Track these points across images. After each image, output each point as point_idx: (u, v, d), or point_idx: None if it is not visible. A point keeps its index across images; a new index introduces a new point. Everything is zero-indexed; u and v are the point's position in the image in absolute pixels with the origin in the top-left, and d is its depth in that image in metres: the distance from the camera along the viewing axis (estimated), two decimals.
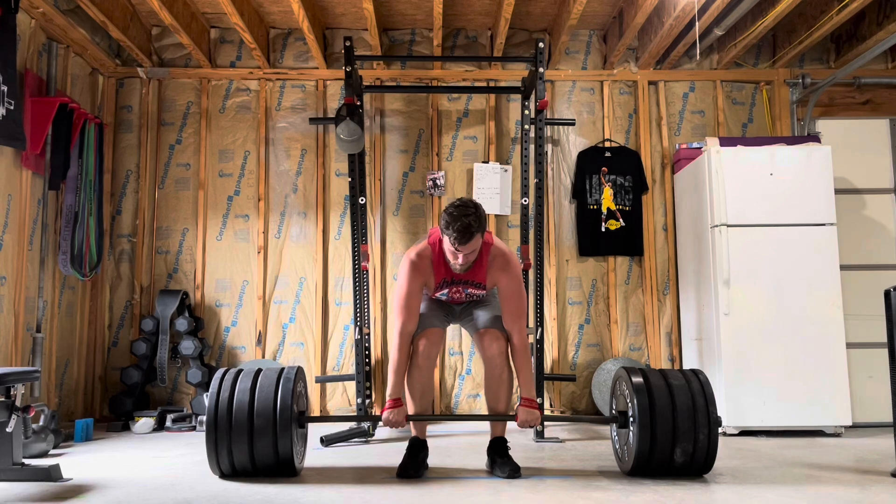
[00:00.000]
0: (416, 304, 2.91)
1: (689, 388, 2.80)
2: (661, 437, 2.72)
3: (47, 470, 2.78)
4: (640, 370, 2.91)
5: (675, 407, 2.74)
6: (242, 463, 2.76)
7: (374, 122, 4.84)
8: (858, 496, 2.53)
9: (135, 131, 4.76)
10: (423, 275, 2.90)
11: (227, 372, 2.88)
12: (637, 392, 2.78)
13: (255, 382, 2.81)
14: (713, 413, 2.75)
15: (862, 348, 4.29)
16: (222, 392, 2.77)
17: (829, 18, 4.11)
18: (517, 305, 2.90)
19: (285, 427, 2.72)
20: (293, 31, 4.87)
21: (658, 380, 2.84)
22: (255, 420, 2.71)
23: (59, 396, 4.16)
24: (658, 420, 2.72)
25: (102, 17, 4.00)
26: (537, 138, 4.11)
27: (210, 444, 2.73)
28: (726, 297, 3.98)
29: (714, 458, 2.78)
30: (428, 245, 2.93)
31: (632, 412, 2.80)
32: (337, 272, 4.72)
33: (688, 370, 2.94)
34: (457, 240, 2.71)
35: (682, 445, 2.73)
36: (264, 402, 2.74)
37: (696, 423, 2.73)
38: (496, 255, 2.91)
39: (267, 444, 2.72)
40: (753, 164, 4.11)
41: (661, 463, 2.77)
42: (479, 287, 2.95)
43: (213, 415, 2.72)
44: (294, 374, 2.84)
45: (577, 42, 4.94)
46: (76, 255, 4.12)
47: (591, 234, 4.74)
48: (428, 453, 2.96)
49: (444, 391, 4.64)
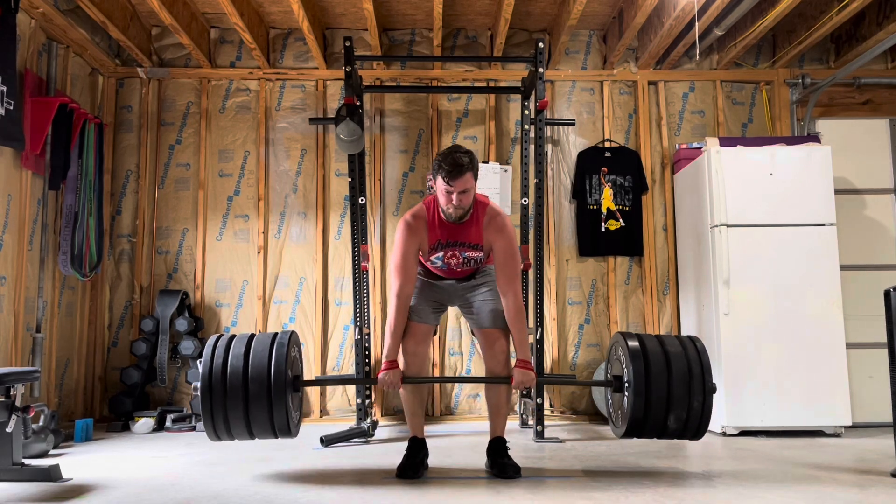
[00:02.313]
0: (413, 265, 2.91)
1: (686, 355, 2.78)
2: (655, 403, 2.70)
3: (47, 470, 2.78)
4: (636, 335, 2.88)
5: (670, 374, 2.72)
6: (238, 428, 2.72)
7: (374, 122, 4.84)
8: (858, 496, 2.53)
9: (135, 131, 4.76)
10: (418, 235, 2.89)
11: (220, 338, 2.82)
12: (633, 357, 2.75)
13: (249, 347, 2.75)
14: (708, 381, 2.73)
15: (862, 348, 4.29)
16: (216, 358, 2.71)
17: (829, 18, 4.11)
18: (513, 267, 2.89)
19: (280, 391, 2.67)
20: (293, 31, 4.87)
21: (654, 346, 2.81)
22: (250, 385, 2.65)
23: (59, 396, 4.15)
24: (653, 386, 2.70)
25: (102, 17, 4.00)
26: (537, 138, 4.11)
27: (206, 410, 2.68)
28: (726, 297, 3.98)
29: (707, 425, 2.76)
30: (423, 206, 2.94)
31: (627, 377, 2.78)
32: (337, 272, 4.72)
33: (685, 336, 2.91)
34: (448, 174, 2.71)
35: (676, 412, 2.71)
36: (258, 366, 2.68)
37: (691, 391, 2.71)
38: (492, 214, 2.91)
39: (262, 409, 2.67)
40: (753, 164, 4.11)
41: (654, 428, 2.75)
42: (476, 249, 2.91)
43: (208, 381, 2.67)
44: (287, 339, 2.79)
45: (577, 42, 4.94)
46: (76, 255, 4.12)
47: (591, 234, 4.74)
48: (428, 453, 2.96)
49: (445, 391, 4.64)
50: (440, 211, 2.89)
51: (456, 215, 2.84)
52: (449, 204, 2.79)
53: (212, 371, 2.69)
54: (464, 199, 2.79)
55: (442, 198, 2.81)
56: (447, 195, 2.77)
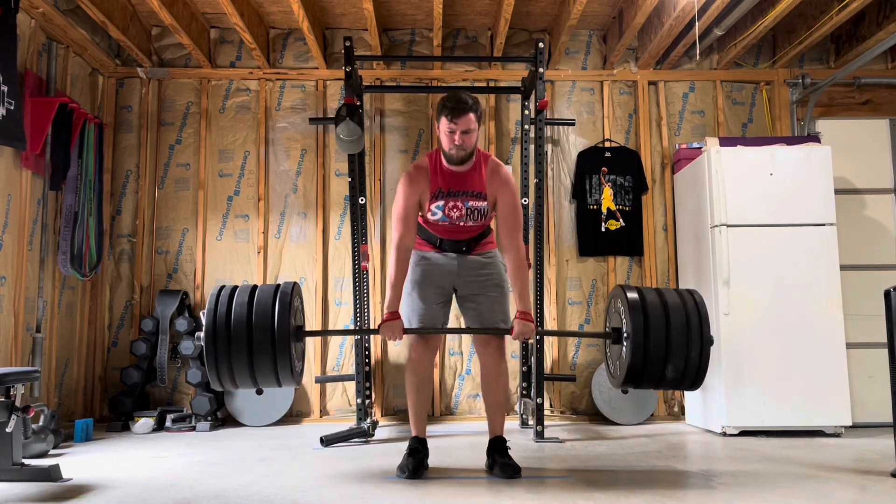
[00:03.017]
0: (413, 216, 2.90)
1: (684, 306, 2.78)
2: (653, 353, 2.70)
3: (47, 470, 2.78)
4: (635, 287, 2.87)
5: (668, 324, 2.71)
6: (243, 376, 2.70)
7: (374, 122, 4.84)
8: (858, 496, 2.53)
9: (135, 131, 4.76)
10: (419, 184, 2.88)
11: (223, 288, 2.79)
12: (632, 309, 2.74)
13: (252, 297, 2.73)
14: (706, 332, 2.73)
15: (862, 348, 4.29)
16: (219, 307, 2.69)
17: (829, 18, 4.11)
18: (516, 220, 2.90)
19: (284, 340, 2.65)
20: (293, 31, 4.87)
21: (653, 297, 2.80)
22: (254, 333, 2.63)
23: (58, 396, 4.15)
24: (651, 336, 2.69)
25: (102, 17, 4.00)
26: (537, 138, 4.11)
27: (210, 359, 2.66)
28: (726, 297, 3.98)
29: (704, 375, 2.75)
30: (426, 157, 2.96)
31: (626, 329, 2.77)
32: (337, 272, 4.72)
33: (683, 289, 2.91)
34: (451, 112, 2.73)
35: (674, 362, 2.71)
36: (262, 316, 2.66)
37: (689, 341, 2.71)
38: (495, 166, 2.91)
39: (266, 357, 2.65)
40: (753, 164, 4.10)
41: (651, 377, 2.74)
42: (480, 198, 2.88)
43: (212, 330, 2.65)
44: (291, 289, 2.77)
45: (577, 42, 4.94)
46: (76, 255, 4.12)
47: (591, 234, 4.74)
48: (428, 453, 2.96)
49: (444, 391, 4.64)
50: (442, 159, 2.88)
51: (458, 156, 2.82)
52: (451, 144, 2.79)
53: (216, 320, 2.66)
54: (466, 139, 2.79)
55: (444, 138, 2.81)
56: (450, 135, 2.78)
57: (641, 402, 4.45)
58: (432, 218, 2.93)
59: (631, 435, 4.00)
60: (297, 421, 4.53)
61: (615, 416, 4.43)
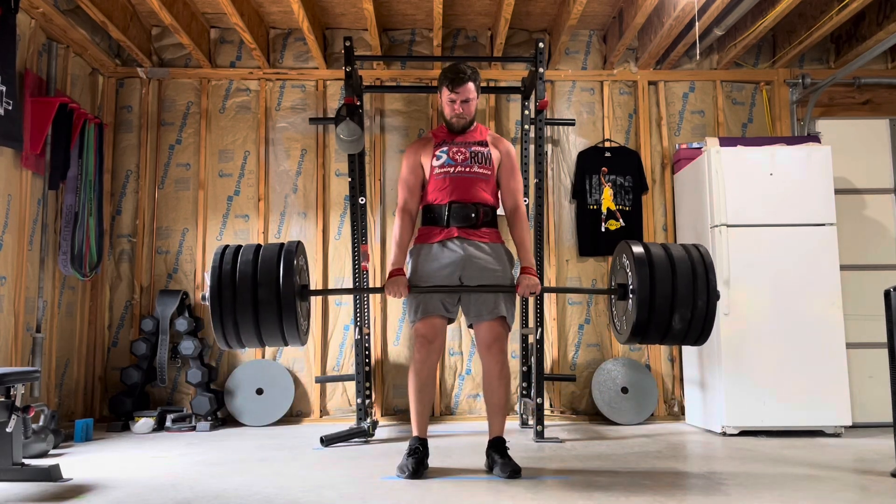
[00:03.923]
0: (417, 180, 3.03)
1: (690, 257, 2.78)
2: (659, 304, 2.68)
3: (47, 470, 2.78)
4: (640, 242, 2.87)
5: (674, 275, 2.71)
6: (248, 334, 2.69)
7: (374, 122, 4.84)
8: (858, 496, 2.53)
9: (135, 131, 4.76)
10: (421, 146, 3.06)
11: (227, 249, 2.78)
12: (638, 263, 2.74)
13: (257, 257, 2.71)
14: (712, 280, 2.72)
15: (862, 348, 4.29)
16: (224, 266, 2.67)
17: (829, 18, 4.11)
18: (517, 180, 3.05)
19: (289, 298, 2.64)
20: (293, 31, 4.87)
21: (659, 251, 2.80)
22: (260, 293, 2.62)
23: (59, 396, 4.15)
24: (658, 286, 2.69)
25: (102, 17, 4.00)
26: (537, 138, 4.11)
27: (216, 318, 2.64)
28: (726, 297, 3.98)
29: (711, 327, 2.73)
30: (429, 131, 3.13)
31: (631, 283, 2.76)
32: (337, 272, 4.72)
33: (688, 244, 2.90)
34: (452, 81, 2.91)
35: (681, 311, 2.69)
36: (267, 274, 2.65)
37: (696, 291, 2.70)
38: (496, 135, 3.11)
39: (272, 315, 2.64)
40: (753, 164, 4.11)
41: (658, 329, 2.73)
42: (482, 144, 3.01)
43: (217, 288, 2.64)
44: (295, 247, 2.76)
45: (577, 42, 4.94)
46: (76, 255, 4.12)
47: (591, 234, 4.74)
48: (428, 453, 2.96)
49: (444, 391, 4.64)
50: (445, 127, 3.04)
51: (459, 124, 2.98)
52: (452, 112, 2.94)
53: (220, 278, 2.65)
54: (466, 107, 2.95)
55: (446, 107, 2.97)
56: (451, 104, 2.94)
57: (641, 401, 4.45)
58: (437, 164, 2.98)
59: (631, 435, 4.00)
60: (297, 421, 4.53)
61: (615, 416, 4.43)
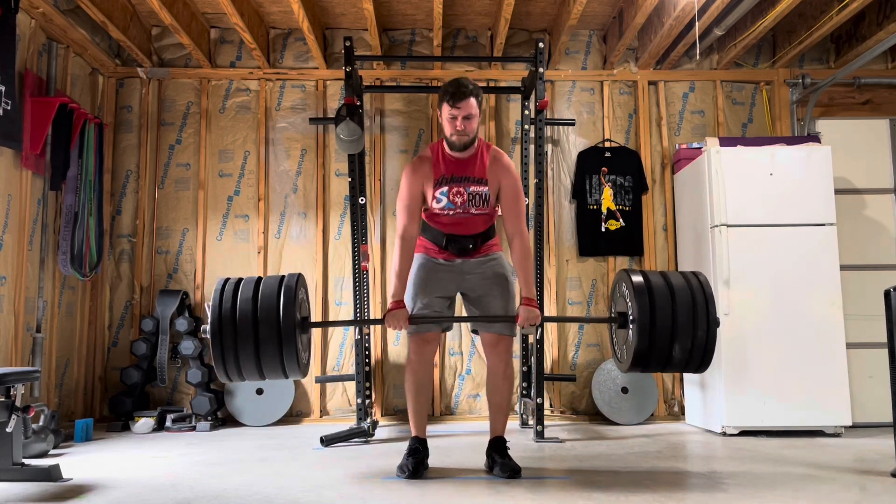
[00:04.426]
0: (417, 207, 2.94)
1: (689, 286, 2.78)
2: (660, 334, 2.69)
3: (47, 470, 2.78)
4: (640, 271, 2.87)
5: (674, 304, 2.71)
6: (249, 369, 2.70)
7: (374, 122, 4.84)
8: (858, 496, 2.53)
9: (135, 131, 4.76)
10: (422, 174, 2.92)
11: (228, 282, 2.79)
12: (637, 292, 2.74)
13: (257, 291, 2.73)
14: (712, 311, 2.72)
15: (862, 348, 4.29)
16: (224, 301, 2.70)
17: (829, 18, 4.11)
18: (519, 206, 2.93)
19: (290, 332, 2.66)
20: (293, 31, 4.87)
21: (658, 279, 2.80)
22: (260, 328, 2.64)
23: (59, 396, 4.15)
24: (658, 316, 2.69)
25: (102, 17, 4.00)
26: (537, 138, 4.11)
27: (216, 353, 2.66)
28: (726, 297, 3.98)
29: (711, 356, 2.74)
30: (428, 149, 2.98)
31: (632, 312, 2.77)
32: (337, 272, 4.72)
33: (687, 272, 2.91)
34: (453, 97, 2.78)
35: (681, 342, 2.69)
36: (267, 310, 2.67)
37: (696, 320, 2.70)
38: (496, 154, 2.95)
39: (273, 349, 2.66)
40: (753, 164, 4.11)
41: (659, 359, 2.73)
42: (481, 183, 2.90)
43: (217, 324, 2.66)
44: (295, 281, 2.77)
45: (577, 42, 4.94)
46: (76, 255, 4.12)
47: (591, 234, 4.74)
48: (428, 453, 2.96)
49: (444, 391, 4.64)
50: (445, 147, 2.92)
51: (461, 142, 2.85)
52: (453, 130, 2.82)
53: (221, 313, 2.67)
54: (468, 124, 2.82)
55: (447, 125, 2.85)
56: (451, 121, 2.82)
57: (641, 402, 4.45)
58: (437, 206, 2.93)
59: (631, 435, 4.00)
60: (297, 421, 4.53)
61: (615, 416, 4.42)
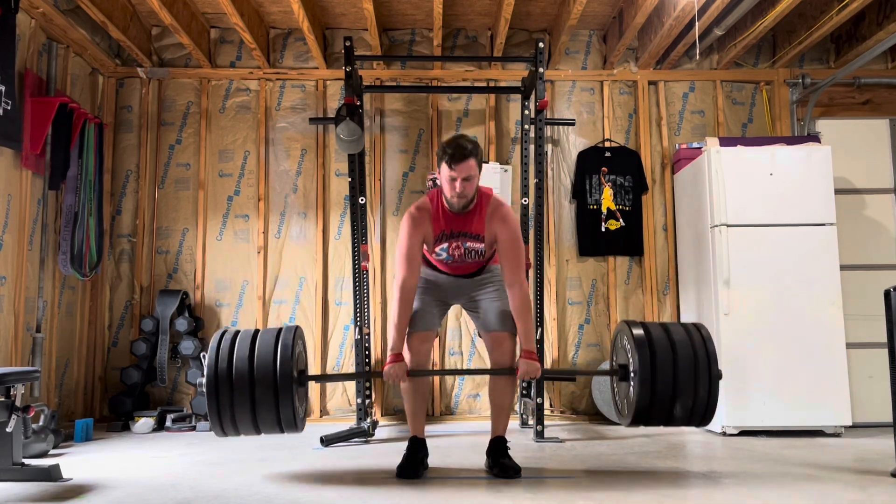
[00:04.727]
0: (417, 258, 2.91)
1: (691, 342, 2.76)
2: (661, 391, 2.68)
3: (47, 470, 2.78)
4: (641, 323, 2.85)
5: (675, 361, 2.70)
6: (245, 424, 2.71)
7: (374, 122, 4.84)
8: (858, 496, 2.53)
9: (135, 131, 4.76)
10: (422, 227, 2.89)
11: (224, 335, 2.80)
12: (638, 346, 2.73)
13: (254, 346, 2.74)
14: (714, 369, 2.71)
15: (862, 348, 4.29)
16: (220, 355, 2.70)
17: (829, 18, 4.11)
18: (517, 257, 2.89)
19: (286, 387, 2.67)
20: (293, 31, 4.87)
21: (659, 333, 2.78)
22: (256, 385, 2.65)
23: (59, 396, 4.15)
24: (659, 374, 2.67)
25: (102, 17, 4.00)
26: (537, 138, 4.11)
27: (212, 407, 2.67)
28: (726, 297, 3.98)
29: (713, 412, 2.74)
30: (427, 199, 2.95)
31: (633, 366, 2.76)
32: (337, 272, 4.72)
33: (689, 324, 2.89)
34: (452, 158, 2.72)
35: (682, 400, 2.69)
36: (264, 365, 2.67)
37: (697, 378, 2.69)
38: (495, 205, 2.91)
39: (269, 407, 2.66)
40: (753, 164, 4.11)
41: (660, 416, 2.73)
42: (477, 239, 2.90)
43: (214, 378, 2.66)
44: (292, 337, 2.78)
45: (577, 42, 4.94)
46: (76, 255, 4.12)
47: (591, 234, 4.74)
48: (428, 453, 2.96)
49: (444, 391, 4.64)
50: (444, 202, 2.89)
51: (459, 204, 2.83)
52: (452, 192, 2.79)
53: (217, 370, 2.68)
54: (467, 186, 2.78)
55: (446, 185, 2.81)
56: (451, 182, 2.77)
57: None
58: (436, 258, 2.99)
59: (631, 435, 4.00)
60: None
61: (615, 416, 4.42)
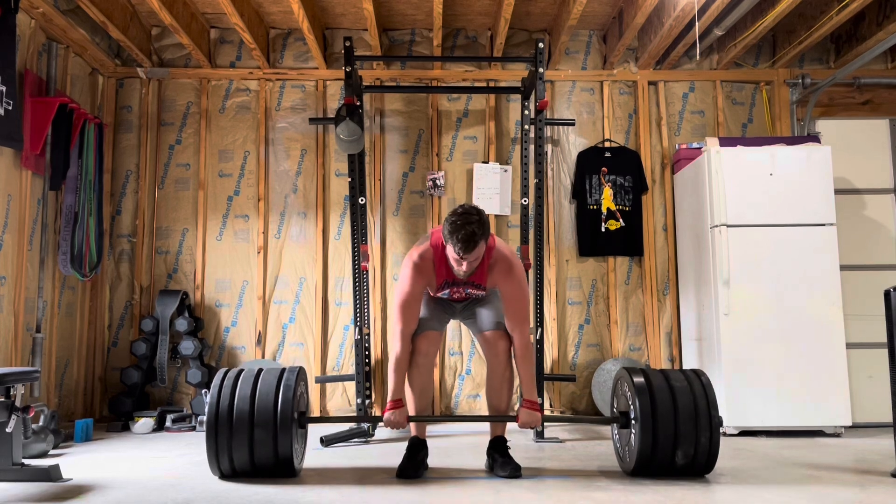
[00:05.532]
0: (417, 306, 2.90)
1: (691, 389, 2.79)
2: (662, 439, 2.72)
3: (47, 470, 2.78)
4: (641, 370, 2.89)
5: (676, 409, 2.73)
6: (242, 464, 2.76)
7: (374, 122, 4.84)
8: (858, 496, 2.53)
9: (135, 131, 4.76)
10: (425, 277, 2.87)
11: (227, 374, 2.86)
12: (639, 393, 2.77)
13: (256, 387, 2.79)
14: (715, 416, 2.74)
15: (862, 348, 4.29)
16: (222, 396, 2.76)
17: (829, 18, 4.11)
18: (519, 308, 2.86)
19: (285, 430, 2.72)
20: (293, 32, 4.87)
21: (660, 381, 2.82)
22: (256, 426, 2.71)
23: (59, 396, 4.15)
24: (660, 422, 2.71)
25: (102, 17, 4.00)
26: (537, 138, 4.11)
27: (210, 446, 2.73)
28: (726, 298, 3.98)
29: (715, 459, 2.77)
30: (430, 247, 2.88)
31: (633, 413, 2.79)
32: (337, 272, 4.72)
33: (689, 371, 2.92)
34: (462, 249, 2.66)
35: (684, 448, 2.72)
36: (264, 408, 2.73)
37: (698, 426, 2.72)
38: (498, 258, 2.86)
39: (267, 448, 2.72)
40: (753, 165, 4.11)
41: (662, 464, 2.76)
42: (480, 288, 2.92)
43: (214, 418, 2.73)
44: (294, 379, 2.83)
45: (577, 42, 4.94)
46: (76, 255, 4.12)
47: (590, 235, 4.74)
48: (428, 453, 2.96)
49: (444, 391, 4.64)
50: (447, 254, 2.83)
51: (465, 277, 2.83)
52: (459, 268, 2.76)
53: (218, 409, 2.74)
54: (474, 263, 2.76)
55: (453, 262, 2.76)
56: (458, 262, 2.73)
57: None
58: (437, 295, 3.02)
59: None
60: None
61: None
